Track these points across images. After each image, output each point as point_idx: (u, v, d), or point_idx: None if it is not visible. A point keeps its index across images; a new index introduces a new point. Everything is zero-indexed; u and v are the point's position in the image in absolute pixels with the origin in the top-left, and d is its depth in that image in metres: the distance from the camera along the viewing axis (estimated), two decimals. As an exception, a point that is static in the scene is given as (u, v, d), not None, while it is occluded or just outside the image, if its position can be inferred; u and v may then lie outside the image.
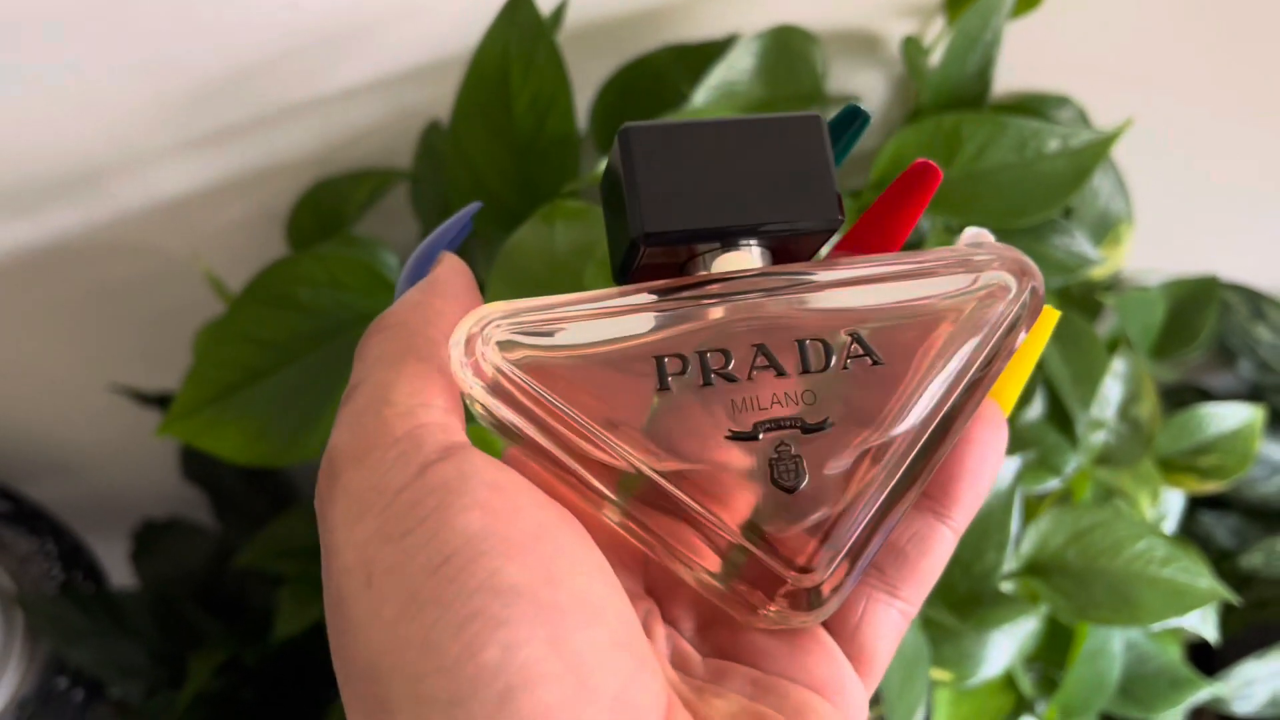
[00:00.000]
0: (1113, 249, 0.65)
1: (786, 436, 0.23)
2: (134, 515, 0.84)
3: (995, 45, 0.56)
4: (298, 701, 0.79)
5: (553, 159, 0.49)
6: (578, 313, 0.23)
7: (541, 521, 0.21)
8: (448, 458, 0.21)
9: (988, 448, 0.25)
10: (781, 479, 0.23)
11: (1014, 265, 0.24)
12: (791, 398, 0.23)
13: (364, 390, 0.22)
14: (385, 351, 0.23)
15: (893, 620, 0.25)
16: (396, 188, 0.62)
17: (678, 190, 0.23)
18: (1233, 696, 0.72)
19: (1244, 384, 0.81)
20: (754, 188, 0.24)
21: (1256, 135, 0.71)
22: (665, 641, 0.25)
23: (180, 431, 0.45)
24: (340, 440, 0.22)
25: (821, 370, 0.23)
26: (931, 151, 0.51)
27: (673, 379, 0.23)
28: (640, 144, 0.23)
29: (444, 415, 0.22)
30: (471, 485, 0.20)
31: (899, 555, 0.25)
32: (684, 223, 0.23)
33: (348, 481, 0.21)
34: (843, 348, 0.24)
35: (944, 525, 0.25)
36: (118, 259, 0.67)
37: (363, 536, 0.20)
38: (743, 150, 0.24)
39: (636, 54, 0.56)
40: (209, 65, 0.57)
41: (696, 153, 0.24)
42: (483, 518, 0.20)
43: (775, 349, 0.23)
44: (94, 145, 0.60)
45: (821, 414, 0.23)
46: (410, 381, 0.22)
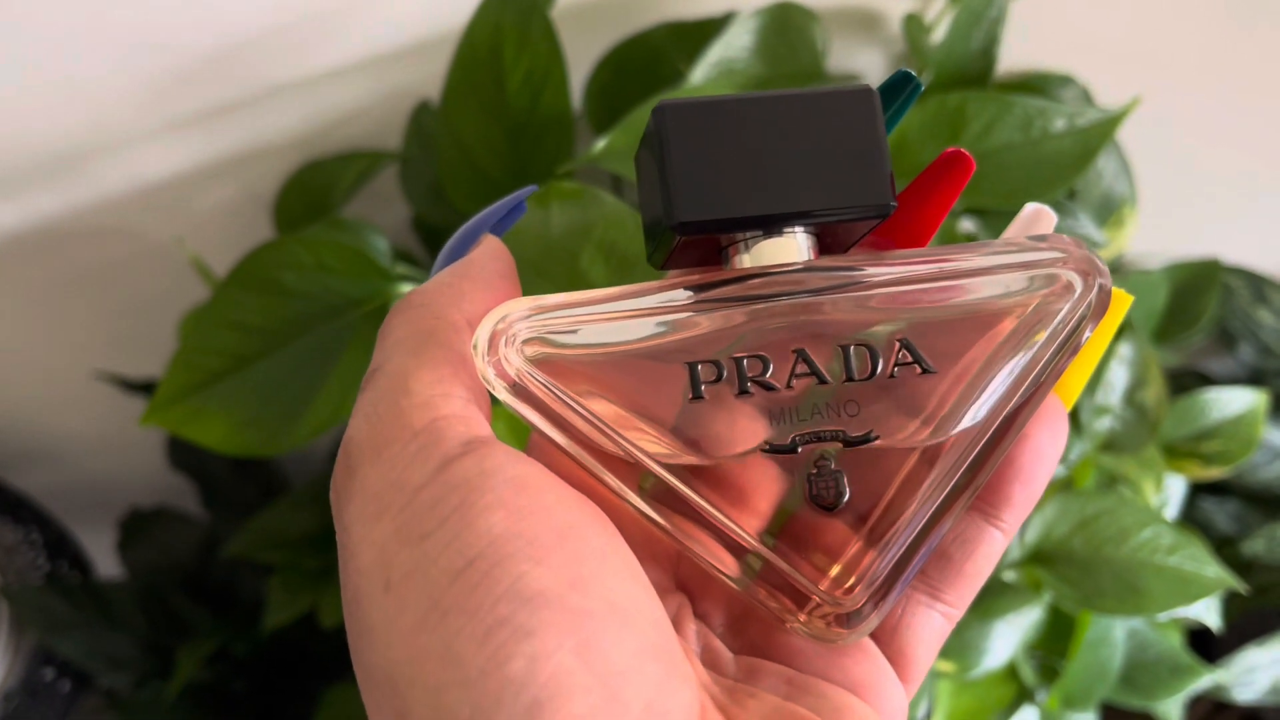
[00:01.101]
0: (1116, 231, 0.64)
1: (827, 450, 0.22)
2: (121, 504, 0.83)
3: (1000, 22, 0.55)
4: (288, 692, 0.79)
5: (547, 138, 0.48)
6: (607, 312, 0.22)
7: (569, 520, 0.19)
8: (469, 453, 0.20)
9: (1046, 447, 0.23)
10: (820, 496, 0.22)
11: (1081, 263, 0.23)
12: (834, 408, 0.22)
13: (383, 377, 0.21)
14: (407, 334, 0.22)
15: (934, 624, 0.24)
16: (386, 169, 0.61)
17: (715, 174, 0.21)
18: (1233, 684, 0.71)
19: (1244, 368, 0.81)
20: (798, 169, 0.22)
21: (1259, 117, 0.70)
22: (696, 638, 0.24)
23: (164, 420, 0.44)
24: (357, 432, 0.21)
25: (867, 378, 0.22)
26: (935, 130, 0.50)
27: (706, 387, 0.22)
28: (677, 122, 0.22)
29: (465, 406, 0.21)
30: (494, 482, 0.19)
31: (943, 558, 0.23)
32: (721, 210, 0.22)
33: (365, 477, 0.20)
34: (890, 353, 0.22)
35: (993, 527, 0.23)
36: (101, 243, 0.66)
37: (381, 537, 0.19)
38: (787, 128, 0.22)
39: (633, 31, 0.55)
40: (193, 45, 0.56)
41: (737, 132, 0.22)
42: (506, 518, 0.19)
43: (817, 354, 0.22)
44: (76, 127, 0.59)
45: (866, 426, 0.22)
46: (431, 369, 0.21)
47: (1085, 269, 0.22)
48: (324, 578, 0.69)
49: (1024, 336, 0.22)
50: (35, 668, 0.77)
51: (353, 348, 0.43)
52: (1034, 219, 0.24)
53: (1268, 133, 0.72)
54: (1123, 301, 0.23)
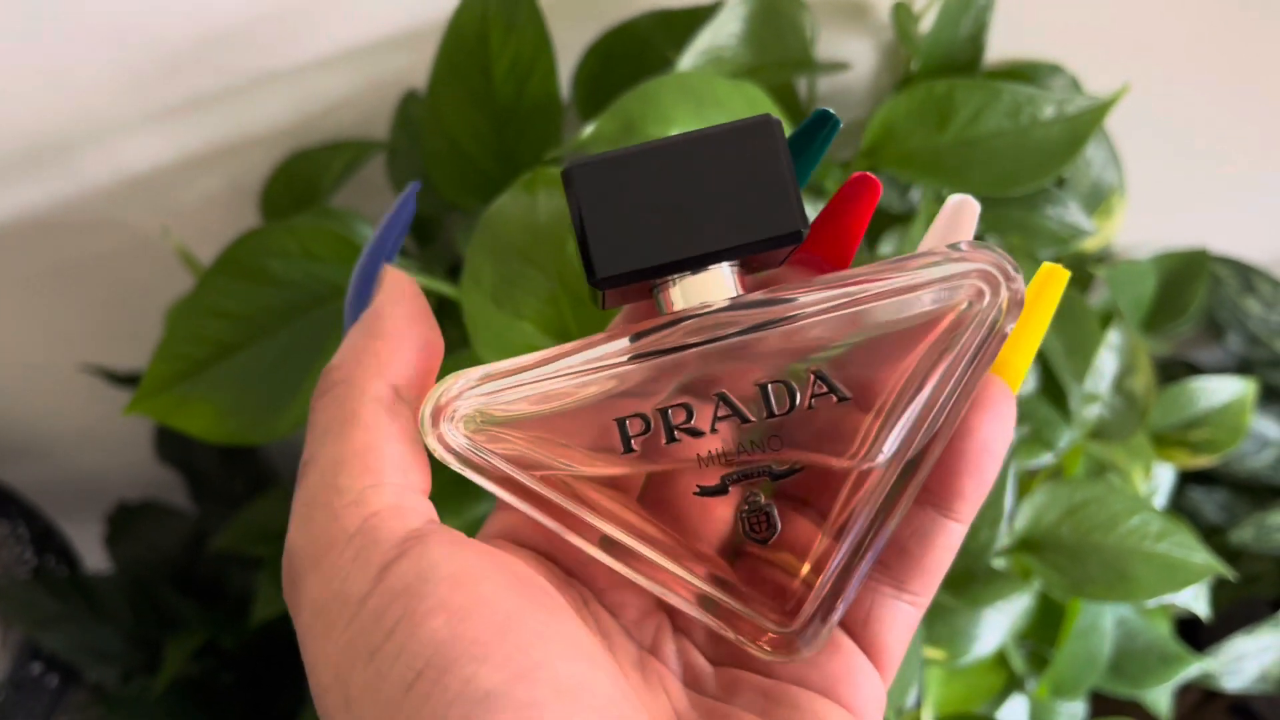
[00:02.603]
0: (1105, 220, 0.64)
1: (756, 485, 0.23)
2: (107, 498, 0.82)
3: (989, 9, 0.55)
4: (277, 685, 0.78)
5: (534, 125, 0.48)
6: (543, 375, 0.23)
7: (508, 609, 0.20)
8: (405, 554, 0.20)
9: (993, 434, 0.23)
10: (753, 531, 0.23)
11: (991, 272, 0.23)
12: (758, 444, 0.23)
13: (314, 472, 0.22)
14: (332, 419, 0.22)
15: (903, 614, 0.24)
16: (373, 159, 0.61)
17: (629, 227, 0.22)
18: (1222, 672, 0.71)
19: (1232, 357, 0.81)
20: (711, 208, 0.22)
21: (1248, 107, 0.71)
22: (676, 658, 0.24)
23: (149, 409, 0.43)
24: (296, 540, 0.21)
25: (786, 413, 0.23)
26: (923, 118, 0.49)
27: (635, 440, 0.23)
28: (585, 183, 0.22)
29: (397, 495, 0.21)
30: (432, 585, 0.20)
31: (902, 552, 0.24)
32: (637, 262, 0.22)
33: (309, 589, 0.21)
34: (806, 386, 0.23)
35: (949, 520, 0.24)
36: (86, 234, 0.66)
37: (334, 654, 0.20)
38: (695, 170, 0.23)
39: (621, 18, 0.55)
40: (179, 34, 0.55)
41: (646, 182, 0.22)
42: (448, 622, 0.19)
43: (738, 394, 0.23)
44: (60, 118, 0.58)
45: (789, 459, 0.23)
46: (359, 459, 0.21)
47: (996, 276, 0.23)
48: (313, 570, 0.68)
49: (940, 350, 0.23)
50: (23, 662, 0.77)
51: (338, 336, 0.42)
52: (957, 210, 0.24)
53: (1256, 122, 0.72)
54: (1059, 277, 0.23)
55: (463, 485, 0.47)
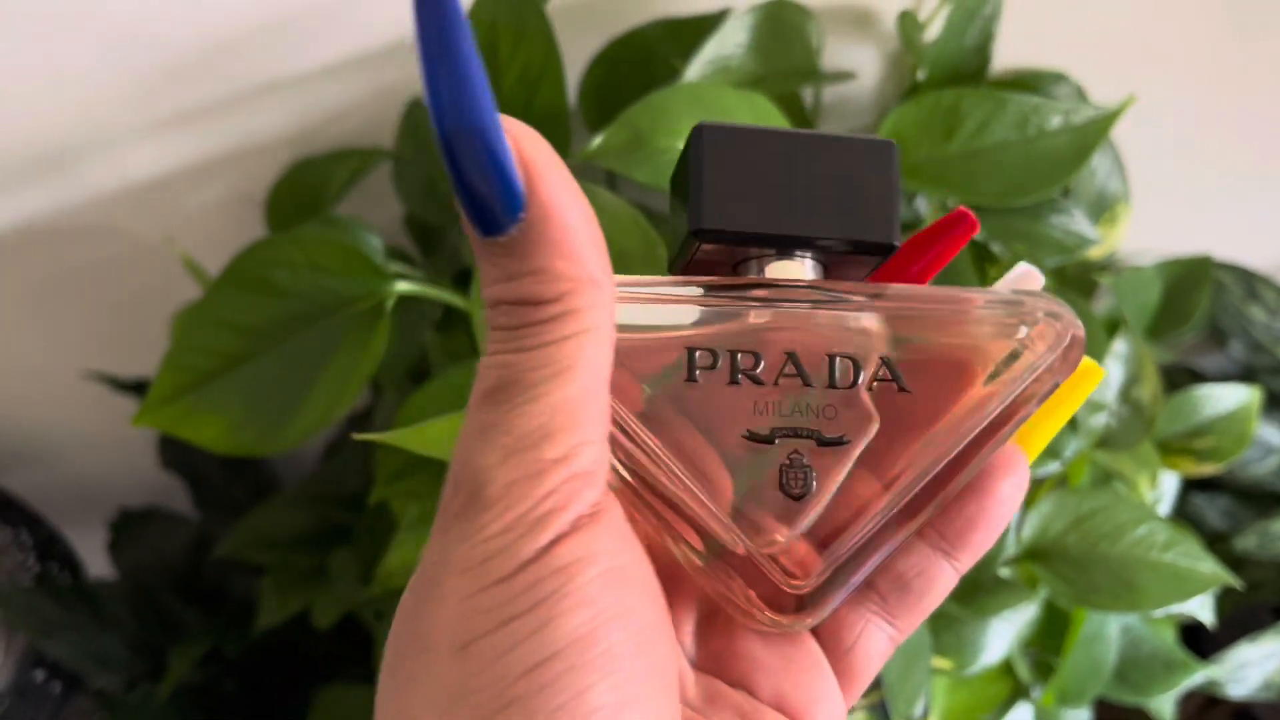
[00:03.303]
0: (1109, 229, 0.64)
1: (801, 446, 0.23)
2: (111, 504, 0.82)
3: (995, 19, 0.55)
4: (280, 693, 0.78)
5: (543, 134, 0.48)
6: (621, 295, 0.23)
7: (645, 625, 0.20)
8: (577, 531, 0.20)
9: (1009, 499, 0.24)
10: (789, 486, 0.23)
11: (1056, 318, 0.24)
12: (813, 409, 0.23)
13: (527, 403, 0.20)
14: (552, 350, 0.20)
15: (883, 645, 0.25)
16: (379, 168, 0.61)
17: (740, 192, 0.24)
18: (1226, 679, 0.71)
19: (1236, 365, 0.81)
20: (816, 201, 0.24)
21: (1252, 115, 0.71)
22: None
23: (157, 421, 0.43)
24: (489, 461, 0.20)
25: (847, 387, 0.24)
26: (930, 128, 0.49)
27: (701, 372, 0.23)
28: (712, 141, 0.24)
29: (597, 456, 0.21)
30: (589, 575, 0.20)
31: (904, 588, 0.25)
32: (741, 224, 0.24)
33: (486, 526, 0.20)
34: (872, 370, 0.24)
35: (950, 565, 0.25)
36: (91, 242, 0.66)
37: (473, 593, 0.20)
38: (811, 163, 0.24)
39: (628, 27, 0.55)
40: (183, 42, 0.55)
41: (766, 159, 0.24)
42: (592, 620, 0.19)
43: (805, 360, 0.24)
44: (65, 126, 0.58)
45: (839, 430, 0.23)
46: (576, 405, 0.20)
47: (1060, 324, 0.24)
48: (316, 578, 0.68)
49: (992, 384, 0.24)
50: (26, 669, 0.76)
51: (346, 347, 0.42)
52: (1023, 278, 0.26)
53: (1260, 130, 0.72)
54: (1094, 374, 0.25)
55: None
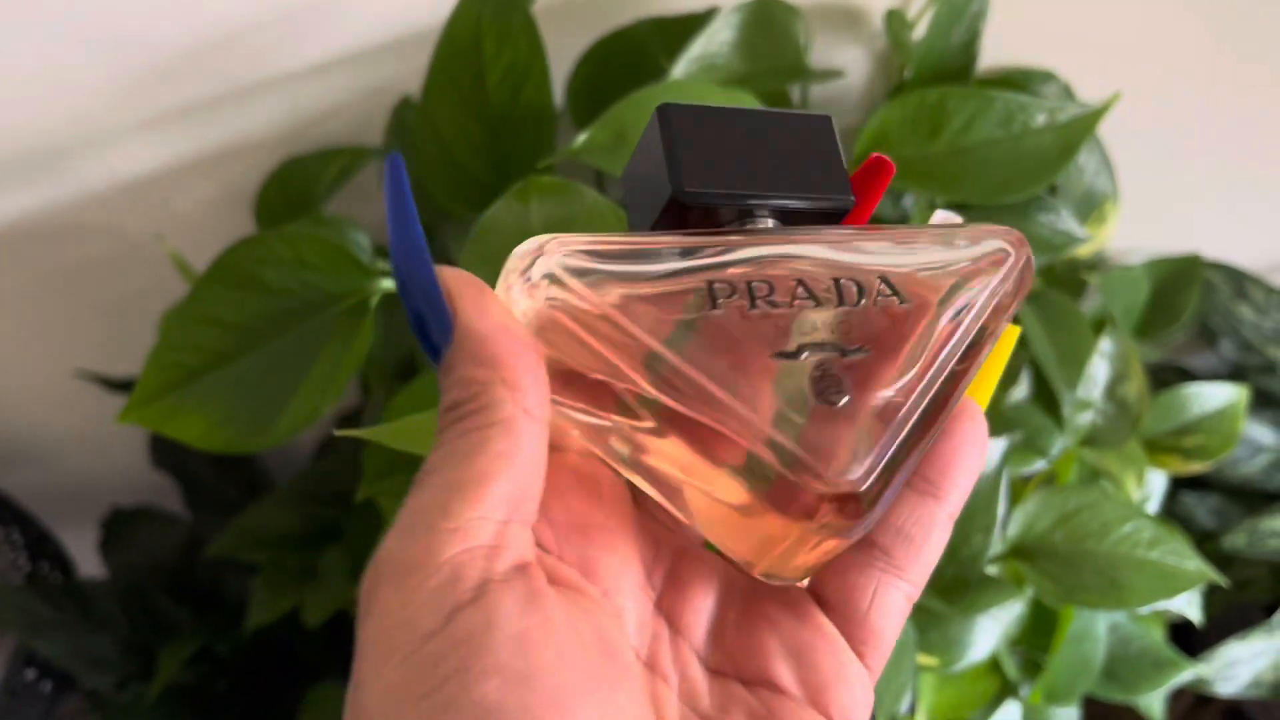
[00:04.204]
0: (1098, 227, 0.65)
1: (826, 358, 0.24)
2: (102, 503, 0.82)
3: (981, 18, 0.55)
4: (272, 692, 0.78)
5: (528, 133, 0.48)
6: (631, 241, 0.25)
7: (563, 684, 0.20)
8: (478, 600, 0.21)
9: (971, 438, 0.26)
10: (825, 394, 0.24)
11: (1010, 236, 0.27)
12: (829, 325, 0.25)
13: (429, 487, 0.22)
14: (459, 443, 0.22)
15: (899, 602, 0.25)
16: (367, 166, 0.61)
17: (711, 159, 0.26)
18: (1215, 677, 0.72)
19: (1225, 364, 0.81)
20: (775, 168, 0.26)
21: (1240, 114, 0.71)
22: (673, 669, 0.25)
23: (142, 418, 0.43)
24: (391, 546, 0.22)
25: (855, 304, 0.25)
26: (916, 126, 0.50)
27: (723, 300, 0.24)
28: (678, 118, 0.26)
29: (498, 532, 0.22)
30: (495, 642, 0.20)
31: (904, 537, 0.25)
32: (717, 186, 0.26)
33: (385, 600, 0.21)
34: (873, 287, 0.26)
35: (940, 509, 0.25)
36: (80, 241, 0.66)
37: (387, 683, 0.20)
38: (764, 136, 0.27)
39: (615, 26, 0.55)
40: (172, 41, 0.55)
41: (725, 132, 0.26)
42: (500, 689, 0.20)
43: (813, 285, 0.25)
44: (53, 124, 0.58)
45: (856, 341, 0.25)
46: (474, 487, 0.22)
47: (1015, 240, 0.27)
48: (307, 577, 0.68)
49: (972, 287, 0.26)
50: (16, 668, 0.76)
51: (332, 344, 0.42)
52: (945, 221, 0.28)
53: (1248, 129, 0.72)
54: (1011, 333, 0.27)
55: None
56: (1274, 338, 0.78)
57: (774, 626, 0.25)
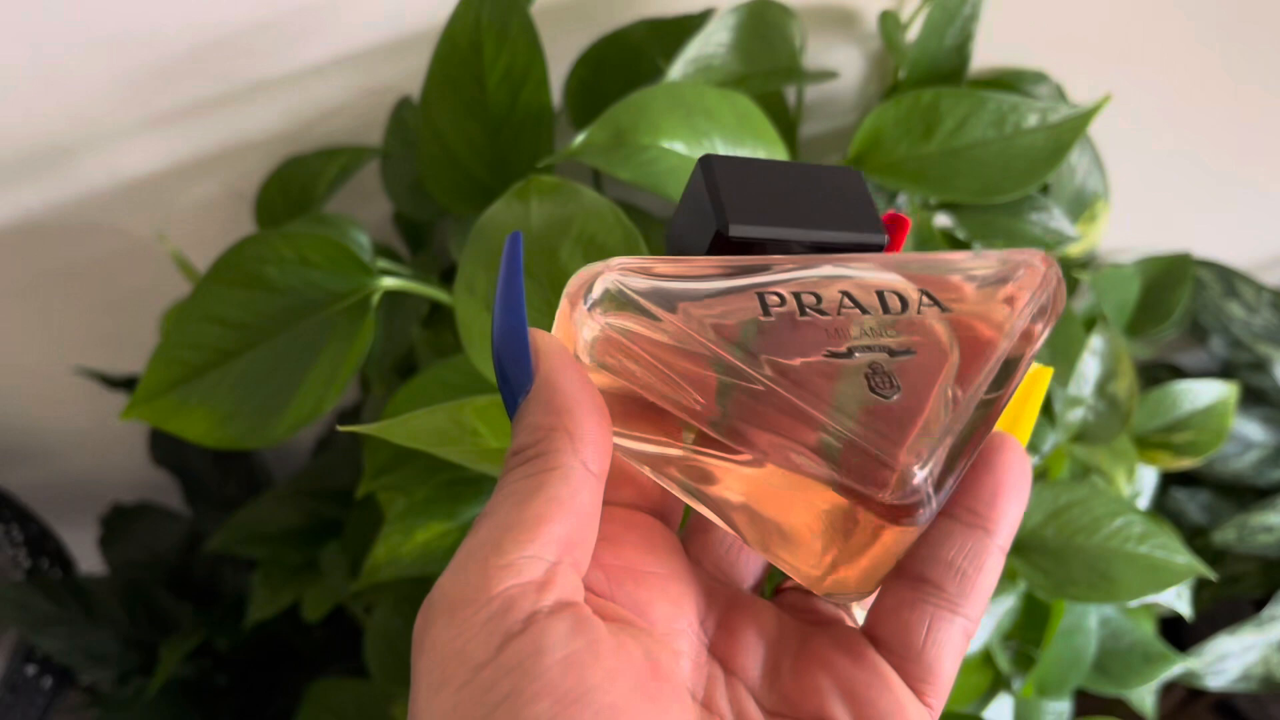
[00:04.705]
0: (1089, 226, 0.65)
1: (876, 358, 0.26)
2: (102, 500, 0.83)
3: (974, 19, 0.55)
4: (272, 687, 0.79)
5: (527, 133, 0.48)
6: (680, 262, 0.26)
7: (613, 702, 0.21)
8: (528, 629, 0.21)
9: (1016, 465, 0.26)
10: (879, 389, 0.25)
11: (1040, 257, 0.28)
12: (876, 330, 0.26)
13: (484, 527, 0.23)
14: (518, 486, 0.23)
15: (955, 638, 0.25)
16: (368, 165, 0.61)
17: (752, 202, 0.28)
18: (1205, 671, 0.72)
19: (1215, 361, 0.82)
20: (811, 209, 0.28)
21: (1230, 114, 0.71)
22: (729, 708, 0.25)
23: (146, 415, 0.44)
24: (445, 583, 0.22)
25: (899, 313, 0.26)
26: (909, 127, 0.50)
27: (774, 309, 0.26)
28: (720, 167, 0.28)
29: (549, 570, 0.22)
30: (545, 666, 0.21)
31: (955, 571, 0.25)
32: (760, 224, 0.27)
33: (437, 636, 0.22)
34: (915, 299, 0.27)
35: (990, 541, 0.25)
36: (82, 239, 0.66)
37: (440, 711, 0.21)
38: (799, 183, 0.28)
39: (612, 27, 0.55)
40: (174, 40, 0.55)
41: (763, 179, 0.28)
42: (552, 708, 0.20)
43: (859, 297, 0.27)
44: (56, 123, 0.59)
45: (904, 344, 0.26)
46: (527, 528, 0.23)
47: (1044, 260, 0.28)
48: (306, 572, 0.69)
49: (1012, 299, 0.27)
50: (17, 664, 0.77)
51: (334, 342, 0.43)
52: None
53: (1239, 129, 0.73)
54: (1045, 375, 0.28)
55: (455, 490, 0.47)
56: (1263, 335, 0.79)
57: (829, 668, 0.25)
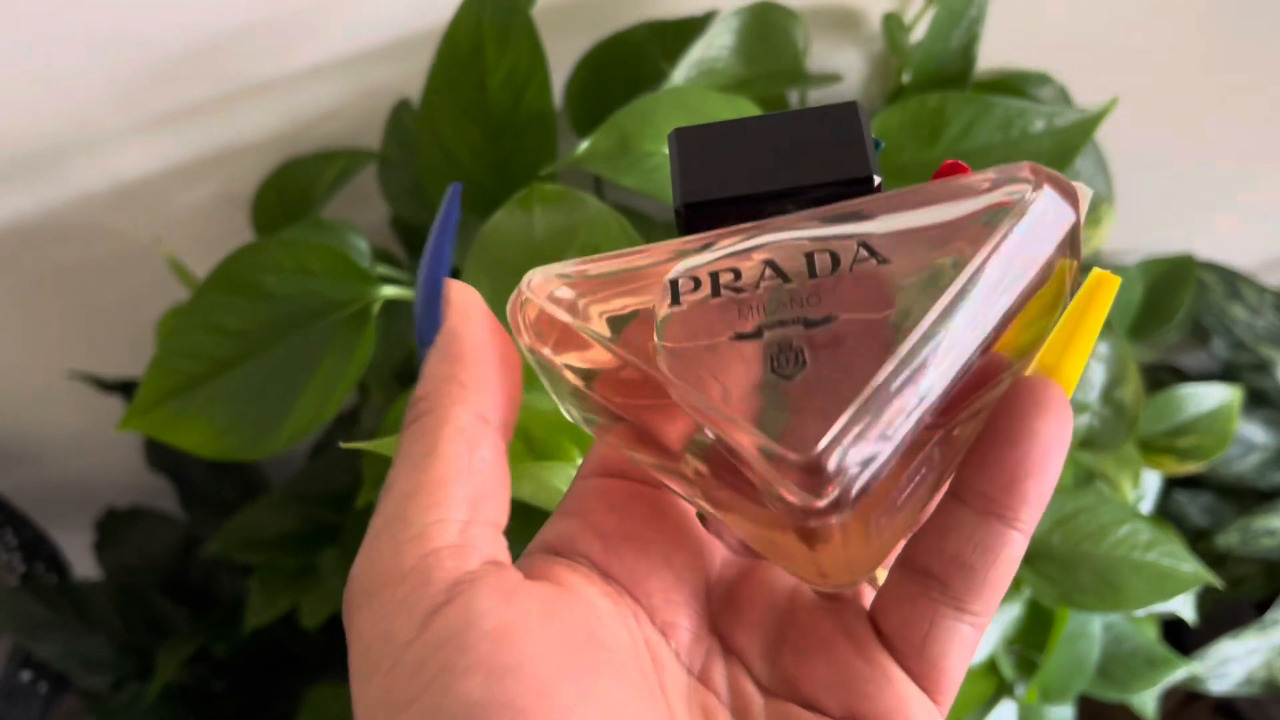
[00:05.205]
0: (1093, 230, 0.65)
1: (788, 333, 0.23)
2: (97, 504, 0.82)
3: (980, 21, 0.55)
4: (270, 692, 0.78)
5: (529, 138, 0.48)
6: (611, 256, 0.25)
7: (550, 672, 0.20)
8: (453, 600, 0.20)
9: (1054, 438, 0.22)
10: (780, 368, 0.22)
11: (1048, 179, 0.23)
12: (797, 300, 0.23)
13: (387, 502, 0.22)
14: (413, 450, 0.22)
15: (962, 635, 0.23)
16: (365, 168, 0.61)
17: (719, 168, 0.25)
18: (1208, 675, 0.72)
19: (1217, 363, 0.82)
20: (789, 160, 0.25)
21: (1233, 115, 0.71)
22: (726, 686, 0.24)
23: (143, 425, 0.43)
24: (358, 568, 0.21)
25: (828, 275, 0.23)
26: (915, 131, 0.50)
27: (684, 296, 0.24)
28: (684, 138, 0.26)
29: (461, 532, 0.21)
30: (474, 638, 0.20)
31: (962, 566, 0.22)
32: (722, 191, 0.25)
33: (361, 623, 0.21)
34: (849, 253, 0.23)
35: (1011, 529, 0.22)
36: (77, 242, 0.65)
37: (372, 699, 0.20)
38: (781, 134, 0.26)
39: (614, 30, 0.55)
40: (170, 42, 0.55)
41: (737, 140, 0.26)
42: (485, 683, 0.19)
43: (783, 263, 0.24)
44: (51, 125, 0.58)
45: (824, 311, 0.23)
46: (429, 492, 0.21)
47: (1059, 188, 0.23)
48: (304, 577, 0.68)
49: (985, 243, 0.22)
50: (13, 670, 0.76)
51: (333, 351, 0.42)
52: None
53: (1241, 130, 0.72)
54: (1110, 283, 0.23)
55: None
56: (1266, 336, 0.79)
57: (831, 657, 0.24)
